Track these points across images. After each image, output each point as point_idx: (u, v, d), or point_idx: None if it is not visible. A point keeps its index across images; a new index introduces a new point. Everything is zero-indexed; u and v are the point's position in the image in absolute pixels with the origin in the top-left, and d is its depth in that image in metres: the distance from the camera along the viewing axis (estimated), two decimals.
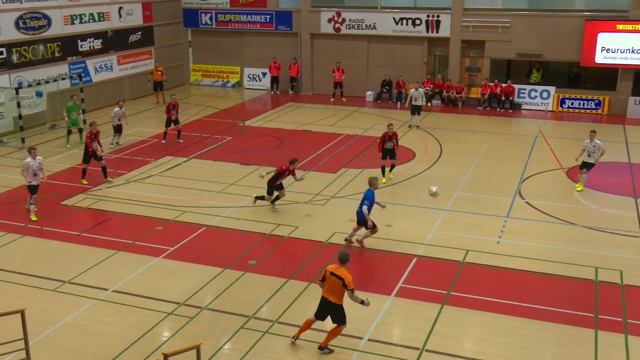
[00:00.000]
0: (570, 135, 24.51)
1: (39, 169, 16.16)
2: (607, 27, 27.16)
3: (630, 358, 10.46)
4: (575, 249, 14.55)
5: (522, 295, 12.47)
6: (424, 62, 30.87)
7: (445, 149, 22.57)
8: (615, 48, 27.16)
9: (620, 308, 11.97)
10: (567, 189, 18.58)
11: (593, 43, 27.39)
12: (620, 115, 27.70)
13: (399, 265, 13.74)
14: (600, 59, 27.54)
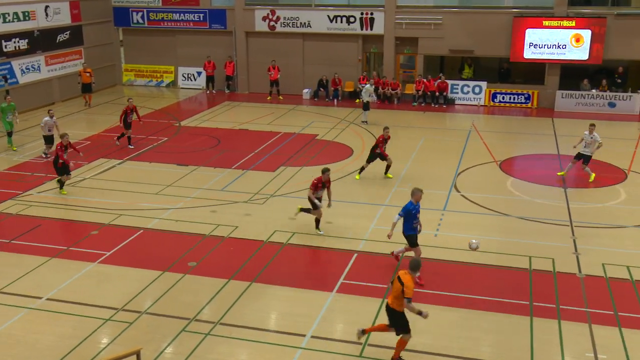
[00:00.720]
0: (502, 129, 25.20)
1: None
2: (534, 24, 28.08)
3: (564, 342, 10.84)
4: (510, 239, 14.98)
5: (460, 287, 12.74)
6: (359, 60, 31.15)
7: None
8: (543, 44, 28.11)
9: (553, 295, 12.38)
10: (500, 182, 19.09)
11: (521, 39, 28.27)
12: (548, 108, 28.69)
13: (339, 262, 13.81)
14: (528, 55, 28.44)
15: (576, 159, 19.06)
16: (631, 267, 13.42)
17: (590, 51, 27.63)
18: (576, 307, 11.94)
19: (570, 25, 27.71)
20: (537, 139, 23.69)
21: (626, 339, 10.91)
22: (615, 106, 27.78)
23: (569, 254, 14.18)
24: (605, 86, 28.30)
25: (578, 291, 12.55)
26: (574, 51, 27.86)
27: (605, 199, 17.55)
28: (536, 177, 19.41)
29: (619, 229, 15.53)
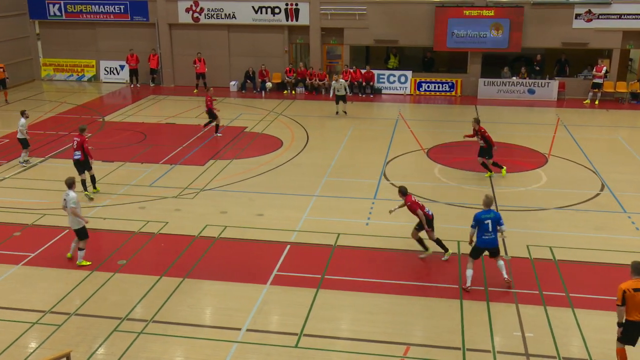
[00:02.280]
0: (428, 117, 25.73)
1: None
2: (455, 13, 28.75)
3: (493, 322, 11.20)
4: (439, 225, 15.28)
5: (392, 273, 12.96)
6: (286, 51, 31.08)
7: (311, 136, 22.91)
8: (464, 33, 28.83)
9: (481, 277, 12.76)
10: (428, 169, 19.49)
11: (444, 28, 28.90)
12: (471, 96, 29.49)
13: (272, 254, 13.78)
14: (451, 44, 29.12)
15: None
16: (554, 248, 13.99)
17: (510, 40, 28.55)
18: (503, 288, 12.33)
19: (489, 15, 28.53)
20: (462, 126, 24.26)
21: (551, 316, 11.37)
22: (534, 93, 28.83)
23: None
24: (525, 73, 29.32)
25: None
26: (495, 40, 28.71)
27: (527, 183, 18.20)
28: (462, 163, 19.91)
29: (542, 211, 16.15)
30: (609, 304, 11.71)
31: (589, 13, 28.11)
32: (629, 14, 27.92)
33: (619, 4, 27.83)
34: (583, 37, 28.38)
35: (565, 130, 23.67)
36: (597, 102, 27.97)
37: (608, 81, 28.51)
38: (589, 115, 26.38)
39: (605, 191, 17.38)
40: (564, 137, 22.71)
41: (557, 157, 20.47)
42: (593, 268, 13.20)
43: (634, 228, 15.05)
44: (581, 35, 28.38)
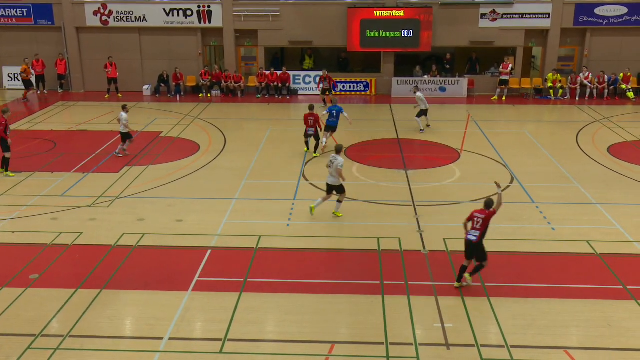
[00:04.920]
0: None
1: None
2: (367, 14, 29.23)
3: (414, 316, 11.44)
4: (359, 223, 15.53)
5: (315, 273, 13.02)
6: (200, 53, 30.67)
7: (229, 139, 22.70)
8: (376, 33, 29.34)
9: (401, 272, 13.02)
10: (346, 168, 19.55)
11: (356, 29, 29.32)
12: (386, 95, 30.07)
13: (193, 260, 13.54)
14: (364, 44, 29.57)
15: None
16: None
17: (421, 39, 29.29)
18: (423, 282, 12.63)
19: (400, 16, 29.18)
20: (378, 125, 24.75)
21: (468, 306, 11.73)
22: (445, 90, 29.71)
23: (413, 232, 14.97)
24: (436, 72, 30.18)
25: (424, 266, 13.29)
26: (406, 40, 29.37)
27: (442, 178, 18.73)
28: (379, 161, 20.26)
29: (456, 205, 16.65)
30: (523, 291, 12.24)
31: (494, 13, 29.25)
32: (530, 14, 29.25)
33: (521, 4, 29.11)
34: (489, 36, 29.50)
35: (475, 125, 24.52)
36: (504, 98, 29.15)
37: (514, 78, 29.75)
38: (497, 111, 27.43)
39: (515, 183, 18.13)
40: (474, 133, 23.52)
41: (469, 152, 21.17)
42: (506, 257, 13.73)
43: (542, 217, 15.77)
44: (487, 34, 29.48)
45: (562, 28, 29.39)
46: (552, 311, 11.61)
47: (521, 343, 10.64)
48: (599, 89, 29.09)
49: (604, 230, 14.97)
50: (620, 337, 10.81)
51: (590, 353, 10.39)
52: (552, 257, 13.71)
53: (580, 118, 25.69)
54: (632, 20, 29.02)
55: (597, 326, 11.17)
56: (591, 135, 23.09)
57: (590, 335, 10.92)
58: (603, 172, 19.04)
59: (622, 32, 29.30)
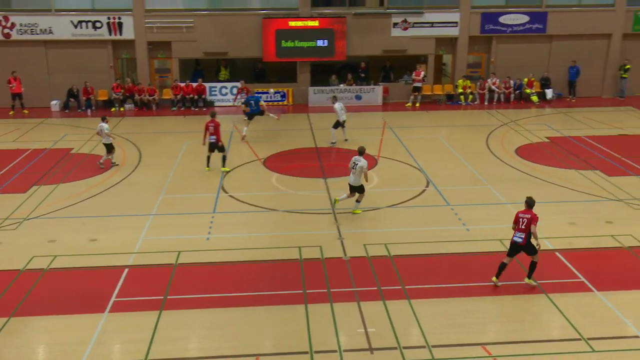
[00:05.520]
0: (263, 127, 25.88)
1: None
2: (281, 24, 29.32)
3: (337, 323, 11.49)
4: (280, 233, 15.48)
5: (237, 286, 12.86)
6: (111, 66, 29.84)
7: (144, 153, 22.17)
8: (292, 43, 29.48)
9: (324, 280, 13.06)
10: (265, 178, 19.63)
11: (271, 39, 29.35)
12: (303, 104, 30.21)
13: (109, 280, 13.09)
14: (280, 54, 29.63)
15: None
16: (388, 244, 14.67)
17: (336, 49, 29.64)
18: (345, 288, 12.72)
19: (314, 25, 29.44)
20: (296, 135, 24.82)
21: (390, 310, 11.90)
22: (361, 98, 30.16)
23: (334, 239, 15.07)
24: (351, 80, 30.60)
25: (345, 273, 13.38)
26: (321, 49, 29.65)
27: None
28: (298, 170, 20.31)
29: (376, 210, 16.89)
30: (442, 292, 12.53)
31: (405, 22, 29.99)
32: (440, 23, 30.17)
33: (431, 13, 29.98)
34: (401, 44, 30.20)
35: (391, 132, 25.00)
36: (418, 105, 29.89)
37: (426, 85, 30.57)
38: (411, 117, 28.09)
39: (431, 187, 18.58)
40: (391, 139, 23.97)
41: (386, 158, 21.55)
42: (425, 260, 14.03)
43: (457, 219, 16.23)
44: (399, 43, 30.17)
45: (470, 36, 30.47)
46: (470, 309, 11.94)
47: (442, 342, 10.88)
48: (506, 94, 30.32)
49: None
50: (533, 330, 11.26)
51: (505, 347, 10.76)
52: (467, 256, 14.13)
53: (489, 122, 26.68)
54: (533, 28, 30.44)
55: (511, 321, 11.58)
56: (500, 138, 24.00)
57: (506, 330, 11.31)
58: (512, 173, 19.82)
59: (525, 40, 30.68)
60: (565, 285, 12.82)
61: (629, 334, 11.13)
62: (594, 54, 31.11)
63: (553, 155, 21.71)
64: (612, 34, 30.72)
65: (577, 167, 20.32)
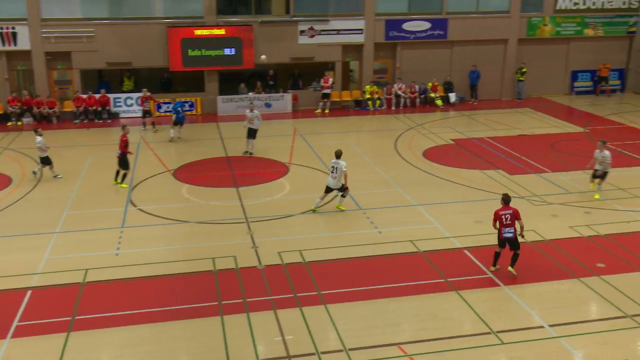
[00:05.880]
0: (168, 137, 25.37)
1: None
2: (187, 33, 28.88)
3: (254, 333, 11.38)
4: (193, 245, 15.19)
5: (150, 301, 12.50)
6: (6, 78, 28.38)
7: (45, 168, 21.16)
8: (199, 52, 29.09)
9: (239, 290, 12.92)
10: (176, 190, 19.23)
11: (177, 48, 28.85)
12: (212, 114, 29.86)
13: (10, 303, 12.38)
14: (186, 63, 29.17)
15: (597, 178, 18.21)
16: (302, 251, 14.70)
17: (243, 57, 29.49)
18: (261, 297, 12.63)
19: (221, 34, 29.19)
20: (206, 144, 24.49)
21: (307, 316, 11.91)
22: (271, 106, 30.14)
23: (248, 248, 14.94)
24: (260, 88, 30.53)
25: (260, 282, 13.29)
26: (228, 58, 29.42)
27: (273, 193, 18.91)
28: (209, 180, 20.03)
29: (289, 217, 16.89)
30: (357, 295, 12.67)
31: (312, 29, 30.26)
32: (346, 30, 30.65)
33: (336, 21, 30.40)
34: (309, 52, 30.45)
35: (302, 139, 25.12)
36: (327, 111, 30.21)
37: (335, 91, 30.95)
38: (321, 124, 28.34)
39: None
40: (301, 146, 24.08)
41: (298, 165, 21.63)
42: (340, 264, 14.15)
43: (370, 222, 16.49)
44: (307, 50, 30.41)
45: (375, 43, 31.12)
46: (385, 310, 12.14)
47: (359, 345, 10.99)
48: (412, 99, 31.16)
49: (424, 229, 15.98)
50: (445, 327, 11.58)
51: (420, 345, 11.00)
52: (381, 259, 14.37)
53: (397, 126, 27.31)
54: (435, 34, 31.47)
55: (424, 319, 11.86)
56: (408, 141, 24.62)
57: (420, 329, 11.57)
58: (420, 175, 20.36)
59: (428, 45, 31.67)
60: (474, 282, 13.27)
61: (535, 325, 11.65)
62: (493, 59, 32.55)
63: (458, 156, 22.48)
64: (509, 39, 32.24)
65: (481, 167, 21.13)
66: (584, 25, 33.03)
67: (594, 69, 33.82)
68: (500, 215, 13.34)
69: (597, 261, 14.13)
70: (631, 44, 34.10)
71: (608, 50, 33.70)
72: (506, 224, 13.26)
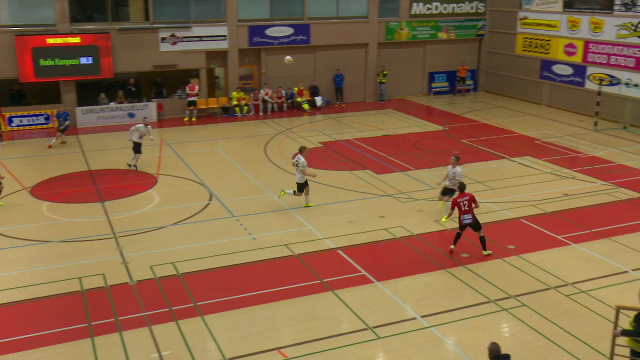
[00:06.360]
0: (27, 153, 23.80)
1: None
2: (38, 42, 27.22)
3: (128, 351, 10.92)
4: (57, 266, 14.31)
5: (14, 329, 11.62)
6: None
7: None
8: (52, 62, 27.51)
9: (109, 309, 12.34)
10: (34, 208, 18.03)
11: (28, 58, 27.12)
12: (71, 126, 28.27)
13: None
14: (39, 74, 27.48)
15: (446, 195, 16.89)
16: (176, 263, 14.32)
17: (101, 66, 28.26)
18: (134, 314, 12.14)
19: (76, 42, 27.79)
20: (66, 158, 23.19)
21: (183, 329, 11.61)
22: (134, 116, 29.06)
23: (118, 265, 14.32)
24: (122, 97, 29.41)
25: (133, 298, 12.79)
26: (85, 67, 28.09)
27: (141, 205, 18.26)
28: (71, 196, 18.98)
29: (160, 230, 16.38)
30: (234, 303, 12.53)
31: (173, 36, 29.59)
32: (209, 36, 30.27)
33: (199, 27, 29.95)
34: (171, 59, 29.75)
35: (170, 148, 24.47)
36: (195, 119, 29.67)
37: (201, 98, 30.48)
38: (189, 132, 27.77)
39: (214, 200, 18.52)
40: (169, 156, 23.45)
41: (166, 175, 21.04)
42: (215, 273, 13.93)
43: (243, 229, 16.37)
44: (169, 57, 29.70)
45: (240, 49, 30.99)
46: (263, 316, 12.10)
47: (239, 353, 10.87)
48: (279, 104, 31.36)
49: (298, 232, 16.13)
50: (324, 327, 11.73)
51: (300, 347, 11.07)
52: (256, 265, 14.31)
53: (265, 132, 27.37)
54: (298, 40, 31.89)
55: (303, 321, 11.95)
56: (277, 146, 24.74)
57: (298, 331, 11.64)
58: (291, 179, 20.48)
59: (292, 51, 31.96)
60: (348, 280, 13.56)
61: (408, 317, 12.10)
62: (355, 62, 33.53)
63: (327, 158, 22.91)
64: (369, 43, 33.35)
65: (349, 168, 21.67)
66: (437, 29, 34.88)
67: (449, 70, 35.81)
68: (458, 202, 14.32)
69: (461, 251, 14.93)
70: (480, 46, 36.48)
71: (461, 53, 35.82)
72: (464, 211, 14.24)
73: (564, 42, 31.33)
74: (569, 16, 30.93)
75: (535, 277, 13.72)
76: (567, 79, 31.30)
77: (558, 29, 31.64)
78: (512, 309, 12.39)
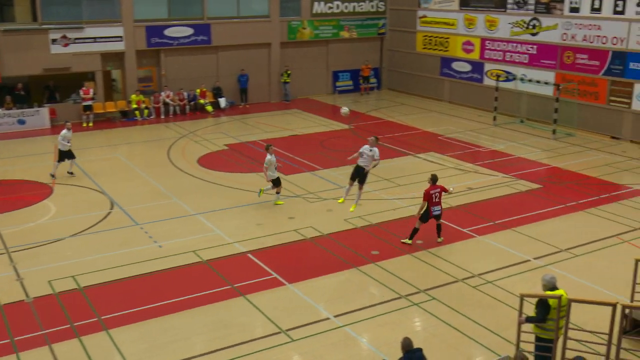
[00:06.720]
0: None
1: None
2: None
3: None
4: None
5: None
6: None
7: None
8: None
9: (4, 329, 11.48)
10: None
11: None
12: None
13: None
14: None
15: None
16: (76, 276, 13.55)
17: None
18: (32, 333, 11.36)
19: None
20: None
21: (87, 345, 10.97)
22: (25, 123, 27.45)
23: (12, 282, 13.39)
24: (11, 103, 27.67)
25: (31, 317, 11.97)
26: None
27: (36, 217, 17.19)
28: None
29: (58, 242, 15.47)
30: (140, 315, 11.98)
31: (65, 38, 28.17)
32: (103, 38, 29.04)
33: (92, 28, 28.66)
34: (64, 62, 28.29)
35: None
36: (91, 124, 28.35)
37: (97, 102, 29.19)
38: (86, 138, 26.46)
39: (116, 208, 17.71)
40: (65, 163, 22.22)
41: (63, 184, 19.94)
42: (119, 285, 13.28)
43: (148, 237, 15.74)
44: (61, 60, 28.24)
45: (137, 50, 29.93)
46: (173, 326, 11.63)
47: None
48: (181, 106, 30.53)
49: (206, 238, 15.68)
50: (237, 333, 11.42)
51: (213, 356, 10.72)
52: (163, 273, 13.78)
53: (168, 135, 26.54)
54: (198, 40, 31.19)
55: (215, 329, 11.59)
56: (181, 150, 24.05)
57: (211, 339, 11.27)
58: (196, 183, 19.99)
59: (192, 51, 31.29)
60: (260, 284, 13.29)
61: (321, 317, 11.99)
62: (259, 62, 33.18)
63: (233, 161, 22.50)
64: (272, 43, 33.12)
65: (257, 170, 21.33)
66: (339, 28, 35.14)
67: (353, 68, 36.16)
68: (430, 194, 14.54)
69: (371, 249, 15.00)
70: (382, 44, 37.08)
71: (363, 51, 36.24)
72: (435, 202, 14.59)
73: (462, 40, 32.38)
74: (466, 14, 31.99)
75: (443, 270, 13.99)
76: (466, 76, 32.38)
77: (456, 27, 32.67)
78: (422, 303, 12.54)
